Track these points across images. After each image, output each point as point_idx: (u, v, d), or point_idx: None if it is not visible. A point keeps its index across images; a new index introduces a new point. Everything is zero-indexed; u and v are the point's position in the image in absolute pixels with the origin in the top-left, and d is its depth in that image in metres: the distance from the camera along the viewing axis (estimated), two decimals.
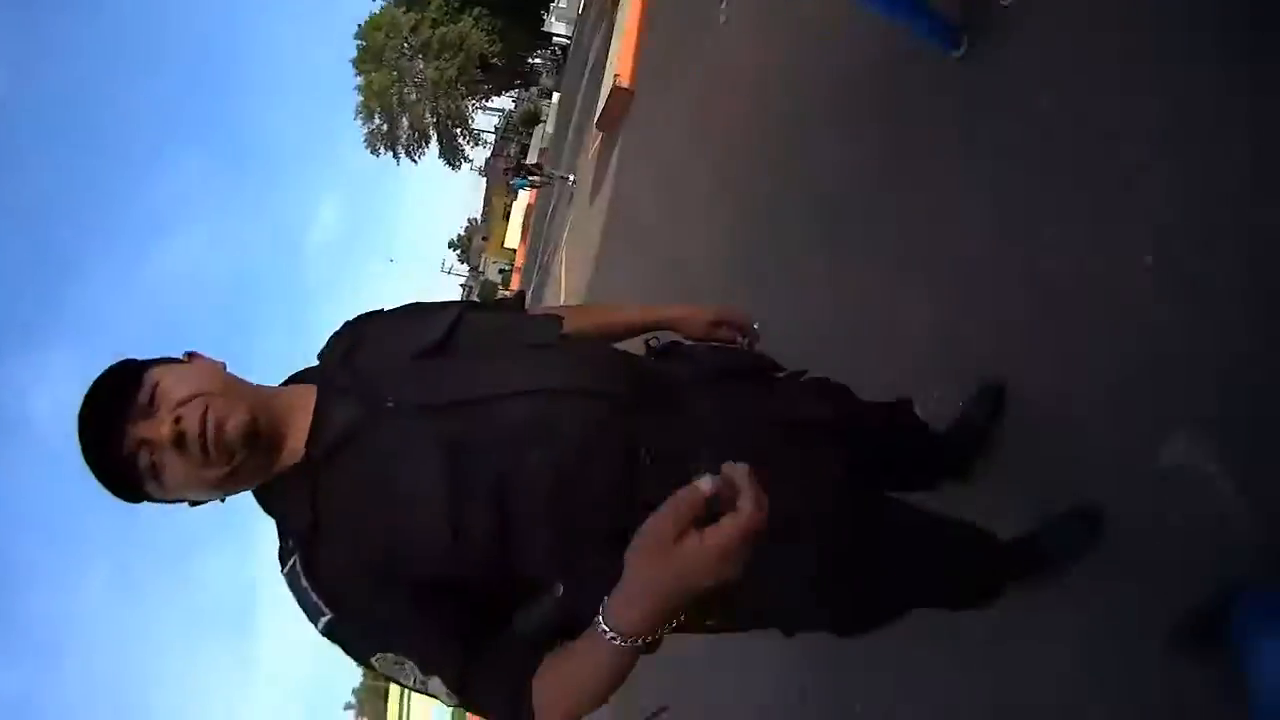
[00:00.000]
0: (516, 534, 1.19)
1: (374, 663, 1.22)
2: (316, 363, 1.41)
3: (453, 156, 48.26)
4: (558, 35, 42.02)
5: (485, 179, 53.65)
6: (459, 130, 47.37)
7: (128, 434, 1.18)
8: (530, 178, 19.98)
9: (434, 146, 47.40)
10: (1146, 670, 1.87)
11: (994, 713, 2.27)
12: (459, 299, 1.60)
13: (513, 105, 54.00)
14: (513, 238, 39.10)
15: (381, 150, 47.00)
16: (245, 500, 1.29)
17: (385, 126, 46.05)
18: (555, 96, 37.23)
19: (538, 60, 49.12)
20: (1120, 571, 1.97)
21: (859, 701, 2.87)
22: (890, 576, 1.56)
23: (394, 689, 55.86)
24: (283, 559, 1.22)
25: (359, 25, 44.10)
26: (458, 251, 73.07)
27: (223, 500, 1.28)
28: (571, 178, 16.64)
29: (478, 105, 49.06)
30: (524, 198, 33.39)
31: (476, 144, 49.82)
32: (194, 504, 1.28)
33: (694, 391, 1.41)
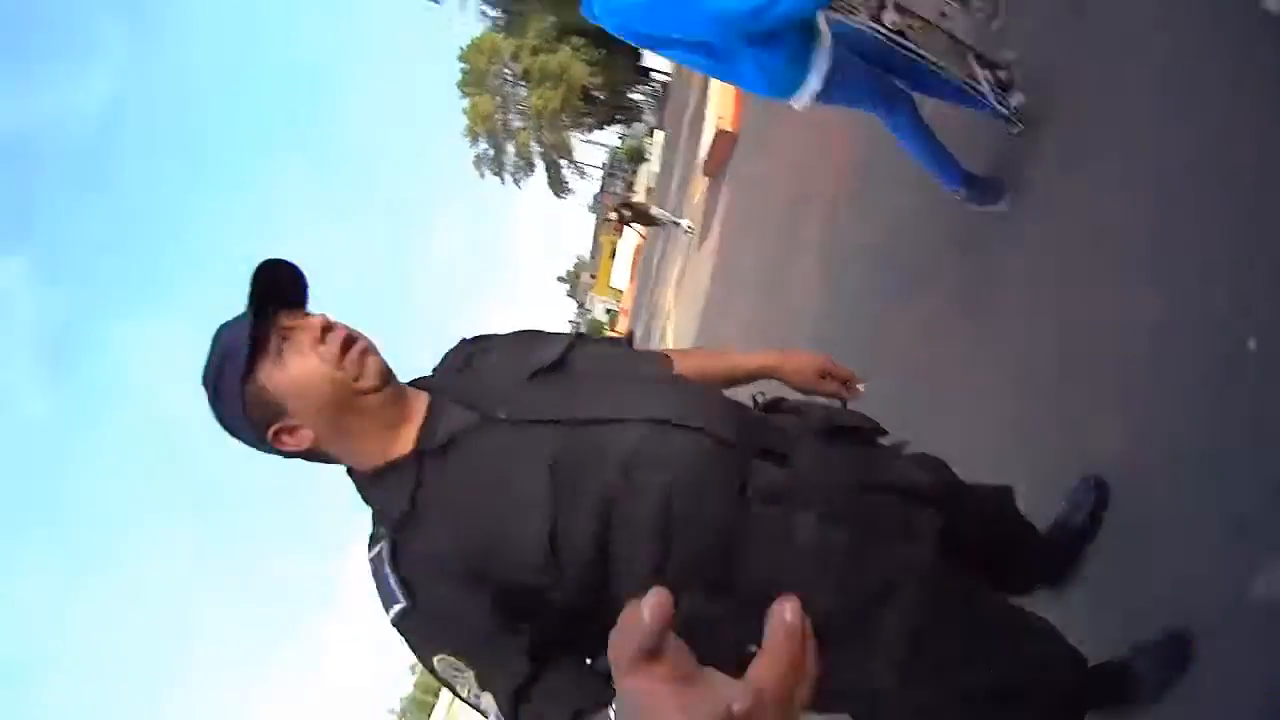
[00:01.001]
0: (616, 557, 1.20)
1: (434, 663, 1.22)
2: (430, 374, 1.45)
3: (558, 187, 48.42)
4: (656, 71, 41.86)
5: (594, 215, 54.06)
6: (564, 161, 47.49)
7: (277, 320, 1.26)
8: (645, 224, 18.76)
9: (540, 175, 47.70)
10: None
11: None
12: (570, 330, 1.65)
13: (618, 140, 54.19)
14: (620, 278, 38.81)
15: (487, 174, 47.38)
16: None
17: (491, 151, 46.43)
18: (659, 135, 36.89)
19: (639, 96, 49.24)
20: (1205, 710, 1.81)
21: None
22: (975, 671, 1.46)
23: (440, 704, 54.71)
24: (371, 544, 1.26)
25: (461, 48, 44.62)
26: (566, 287, 73.66)
27: (298, 453, 1.29)
28: (685, 223, 16.20)
29: (581, 138, 49.28)
30: (632, 238, 33.00)
31: (582, 176, 50.10)
32: (278, 433, 1.27)
33: (801, 444, 1.39)
